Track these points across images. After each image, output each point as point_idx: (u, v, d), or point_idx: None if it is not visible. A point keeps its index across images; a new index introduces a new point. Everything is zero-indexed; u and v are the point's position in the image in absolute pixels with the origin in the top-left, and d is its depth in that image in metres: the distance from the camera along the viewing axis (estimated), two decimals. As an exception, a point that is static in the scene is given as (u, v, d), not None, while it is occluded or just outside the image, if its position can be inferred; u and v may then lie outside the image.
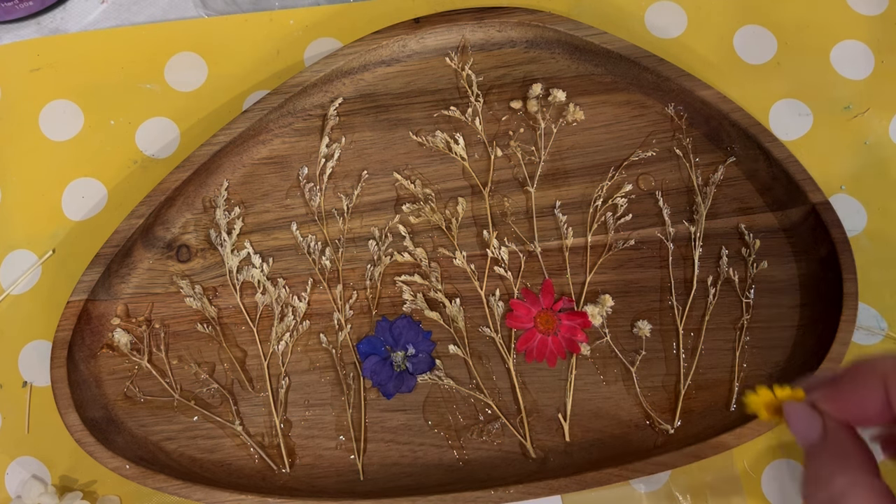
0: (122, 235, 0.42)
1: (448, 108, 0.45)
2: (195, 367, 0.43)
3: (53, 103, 0.47)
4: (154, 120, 0.47)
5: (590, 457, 0.41)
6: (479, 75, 0.45)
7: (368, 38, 0.44)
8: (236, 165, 0.45)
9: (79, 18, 0.49)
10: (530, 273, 0.43)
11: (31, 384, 0.44)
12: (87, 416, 0.41)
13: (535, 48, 0.45)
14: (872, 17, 0.46)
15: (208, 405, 0.42)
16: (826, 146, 0.45)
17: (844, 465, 0.28)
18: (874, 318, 0.42)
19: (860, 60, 0.46)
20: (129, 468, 0.40)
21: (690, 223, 0.43)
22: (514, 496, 0.39)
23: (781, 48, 0.46)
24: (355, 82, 0.45)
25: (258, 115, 0.44)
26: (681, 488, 0.40)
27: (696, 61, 0.44)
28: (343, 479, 0.41)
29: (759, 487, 0.40)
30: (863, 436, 0.29)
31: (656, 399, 0.41)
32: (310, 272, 0.44)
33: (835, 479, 0.28)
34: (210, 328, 0.43)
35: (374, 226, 0.44)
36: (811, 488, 0.29)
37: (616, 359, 0.42)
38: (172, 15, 0.49)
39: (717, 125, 0.43)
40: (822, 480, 0.28)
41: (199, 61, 0.47)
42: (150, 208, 0.43)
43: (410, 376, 0.42)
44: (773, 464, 0.41)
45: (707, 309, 0.42)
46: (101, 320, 0.43)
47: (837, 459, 0.28)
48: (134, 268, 0.43)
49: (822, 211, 0.41)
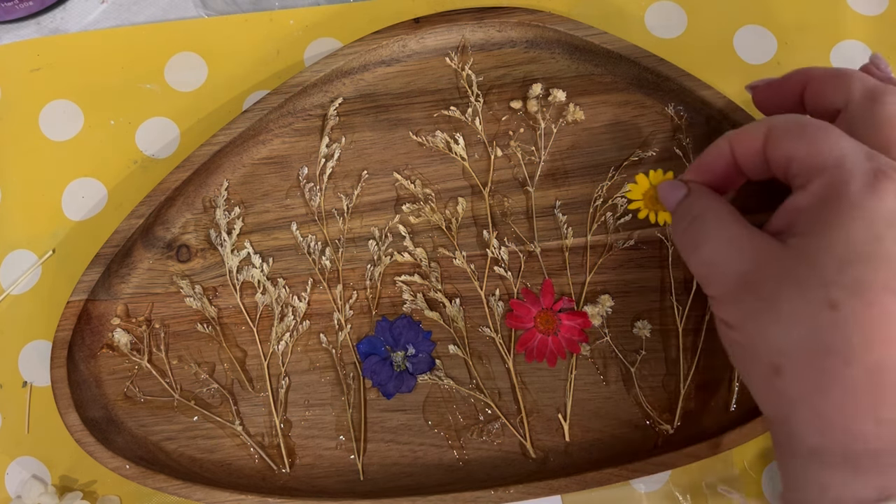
0: (122, 235, 0.42)
1: (448, 108, 0.45)
2: (195, 367, 0.43)
3: (53, 103, 0.47)
4: (154, 120, 0.47)
5: (590, 457, 0.41)
6: (479, 75, 0.45)
7: (368, 38, 0.44)
8: (236, 165, 0.45)
9: (79, 18, 0.49)
10: (530, 273, 0.43)
11: (31, 384, 0.44)
12: (87, 416, 0.41)
13: (535, 48, 0.45)
14: (872, 17, 0.46)
15: (208, 405, 0.42)
16: (826, 146, 0.45)
17: (702, 197, 0.33)
18: (874, 318, 0.42)
19: (860, 60, 0.46)
20: (129, 468, 0.40)
21: (690, 223, 0.43)
22: (514, 496, 0.39)
23: (781, 48, 0.46)
24: (355, 82, 0.45)
25: (258, 115, 0.44)
26: (681, 488, 0.40)
27: (696, 61, 0.44)
28: (343, 479, 0.41)
29: (760, 487, 0.40)
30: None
31: (656, 399, 0.41)
32: (310, 272, 0.44)
33: (693, 206, 0.33)
34: (210, 328, 0.43)
35: (374, 226, 0.44)
36: (677, 225, 0.34)
37: (616, 359, 0.42)
38: (172, 15, 0.49)
39: (717, 125, 0.43)
40: (684, 212, 0.33)
41: (199, 61, 0.47)
42: (150, 208, 0.43)
43: (410, 376, 0.42)
44: (774, 464, 0.41)
45: (707, 309, 0.42)
46: (101, 320, 0.43)
47: (697, 196, 0.34)
48: (134, 268, 0.43)
49: (822, 211, 0.41)
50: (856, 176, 0.27)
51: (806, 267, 0.27)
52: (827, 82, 0.33)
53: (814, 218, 0.28)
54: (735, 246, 0.30)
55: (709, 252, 0.31)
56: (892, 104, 0.30)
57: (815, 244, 0.28)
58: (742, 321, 0.29)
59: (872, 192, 0.27)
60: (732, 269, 0.30)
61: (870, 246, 0.26)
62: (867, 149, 0.28)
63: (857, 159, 0.28)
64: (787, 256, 0.28)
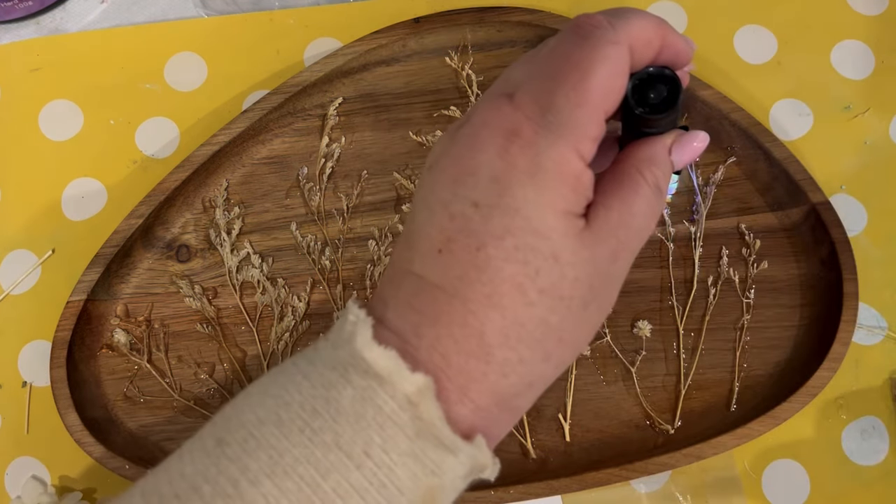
0: (121, 235, 0.42)
1: (448, 107, 0.45)
2: (195, 367, 0.43)
3: (53, 103, 0.47)
4: (154, 120, 0.47)
5: (590, 457, 0.41)
6: (479, 75, 0.45)
7: (368, 38, 0.44)
8: (236, 165, 0.45)
9: (78, 18, 0.49)
10: (530, 273, 0.43)
11: (31, 384, 0.44)
12: (86, 416, 0.41)
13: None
14: (872, 17, 0.46)
15: (208, 405, 0.42)
16: (826, 146, 0.45)
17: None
18: (874, 318, 0.42)
19: (860, 60, 0.46)
20: (129, 468, 0.40)
21: (690, 223, 0.43)
22: (514, 496, 0.39)
23: (781, 48, 0.46)
24: (355, 82, 0.45)
25: (258, 115, 0.44)
26: (681, 488, 0.40)
27: (696, 61, 0.44)
28: (343, 479, 0.41)
29: (760, 487, 0.40)
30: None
31: (656, 399, 0.41)
32: (310, 272, 0.44)
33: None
34: (210, 328, 0.43)
35: (374, 226, 0.44)
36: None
37: (616, 359, 0.42)
38: (172, 15, 0.49)
39: (717, 125, 0.43)
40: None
41: (199, 61, 0.47)
42: (149, 208, 0.43)
43: (410, 376, 0.42)
44: (773, 464, 0.41)
45: (707, 309, 0.42)
46: (101, 320, 0.43)
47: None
48: (134, 268, 0.43)
49: (823, 211, 0.41)
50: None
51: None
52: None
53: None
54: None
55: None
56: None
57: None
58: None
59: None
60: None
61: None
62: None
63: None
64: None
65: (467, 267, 0.23)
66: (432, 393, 0.23)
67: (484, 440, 0.24)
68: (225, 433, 0.24)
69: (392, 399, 0.23)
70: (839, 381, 0.40)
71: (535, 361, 0.24)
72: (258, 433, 0.23)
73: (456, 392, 0.24)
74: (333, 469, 0.22)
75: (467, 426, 0.24)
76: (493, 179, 0.23)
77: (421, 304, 0.24)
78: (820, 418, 0.41)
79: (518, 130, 0.24)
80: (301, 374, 0.24)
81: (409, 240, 0.25)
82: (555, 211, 0.23)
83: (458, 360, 0.24)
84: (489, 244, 0.23)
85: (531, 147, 0.23)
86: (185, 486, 0.23)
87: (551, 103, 0.23)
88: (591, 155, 0.24)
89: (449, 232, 0.24)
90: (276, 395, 0.24)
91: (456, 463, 0.23)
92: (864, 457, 0.40)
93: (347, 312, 0.25)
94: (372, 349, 0.23)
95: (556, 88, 0.24)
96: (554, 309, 0.24)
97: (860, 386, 0.41)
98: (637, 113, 0.26)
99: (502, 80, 0.25)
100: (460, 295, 0.24)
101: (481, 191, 0.24)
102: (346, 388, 0.23)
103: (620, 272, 0.26)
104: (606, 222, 0.25)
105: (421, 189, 0.25)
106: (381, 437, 0.23)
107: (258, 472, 0.22)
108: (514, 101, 0.24)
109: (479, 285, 0.23)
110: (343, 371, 0.23)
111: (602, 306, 0.26)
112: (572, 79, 0.24)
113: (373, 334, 0.24)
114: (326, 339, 0.25)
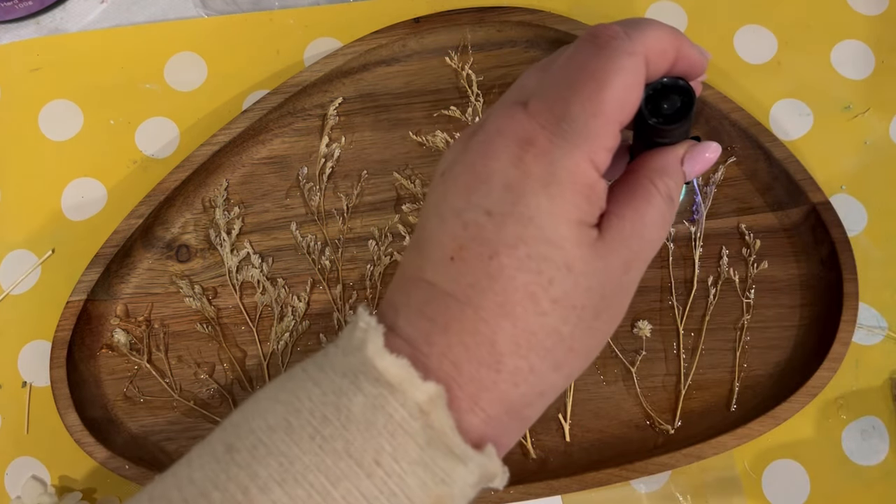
0: (121, 235, 0.42)
1: (448, 107, 0.45)
2: (195, 367, 0.43)
3: (53, 103, 0.47)
4: (154, 120, 0.47)
5: (590, 457, 0.41)
6: (479, 75, 0.45)
7: (368, 38, 0.44)
8: (236, 165, 0.45)
9: (78, 18, 0.49)
10: (530, 273, 0.43)
11: (31, 384, 0.44)
12: (86, 416, 0.41)
13: (535, 48, 0.45)
14: (872, 17, 0.46)
15: (208, 405, 0.42)
16: (826, 146, 0.45)
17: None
18: (874, 318, 0.42)
19: (860, 60, 0.46)
20: (129, 468, 0.40)
21: (690, 223, 0.43)
22: (514, 496, 0.39)
23: (781, 48, 0.46)
24: (355, 82, 0.45)
25: (258, 115, 0.44)
26: (681, 488, 0.40)
27: (696, 61, 0.44)
28: (343, 480, 0.41)
29: (760, 487, 0.40)
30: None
31: (656, 399, 0.41)
32: (309, 272, 0.44)
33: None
34: (210, 328, 0.43)
35: (374, 226, 0.44)
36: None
37: (616, 359, 0.42)
38: (172, 15, 0.49)
39: (717, 125, 0.43)
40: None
41: (199, 61, 0.47)
42: (149, 208, 0.43)
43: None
44: (773, 464, 0.41)
45: (707, 309, 0.42)
46: (101, 320, 0.43)
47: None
48: (133, 268, 0.43)
49: (823, 211, 0.41)
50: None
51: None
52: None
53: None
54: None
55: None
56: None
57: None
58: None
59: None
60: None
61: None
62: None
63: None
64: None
65: (480, 275, 0.23)
66: (444, 402, 0.23)
67: (494, 449, 0.24)
68: (234, 439, 0.24)
69: (403, 407, 0.23)
70: (839, 381, 0.41)
71: (545, 371, 0.24)
72: (268, 440, 0.23)
73: (467, 401, 0.24)
74: (344, 477, 0.22)
75: (478, 435, 0.24)
76: (506, 188, 0.23)
77: (432, 311, 0.24)
78: (820, 418, 0.41)
79: (532, 139, 0.23)
80: (311, 381, 0.24)
81: (420, 247, 0.25)
82: (568, 221, 0.23)
83: (470, 368, 0.24)
84: (502, 253, 0.23)
85: (545, 156, 0.23)
86: (195, 492, 0.23)
87: (567, 112, 0.23)
88: (606, 165, 0.24)
89: (461, 240, 0.24)
90: (286, 401, 0.24)
91: (466, 472, 0.23)
92: (865, 457, 0.40)
93: (358, 319, 0.25)
94: (384, 357, 0.23)
95: (572, 98, 0.23)
96: (566, 319, 0.24)
97: (860, 386, 0.41)
98: (650, 123, 0.26)
99: (517, 88, 0.25)
100: (472, 303, 0.23)
101: (494, 199, 0.23)
102: (356, 396, 0.23)
103: (632, 282, 0.26)
104: (619, 232, 0.25)
105: (432, 196, 0.25)
106: (391, 446, 0.22)
107: (268, 479, 0.22)
108: (529, 110, 0.24)
109: (492, 294, 0.23)
110: (354, 378, 0.23)
111: (613, 316, 0.26)
112: (588, 89, 0.23)
113: (384, 342, 0.24)
114: (336, 346, 0.25)
